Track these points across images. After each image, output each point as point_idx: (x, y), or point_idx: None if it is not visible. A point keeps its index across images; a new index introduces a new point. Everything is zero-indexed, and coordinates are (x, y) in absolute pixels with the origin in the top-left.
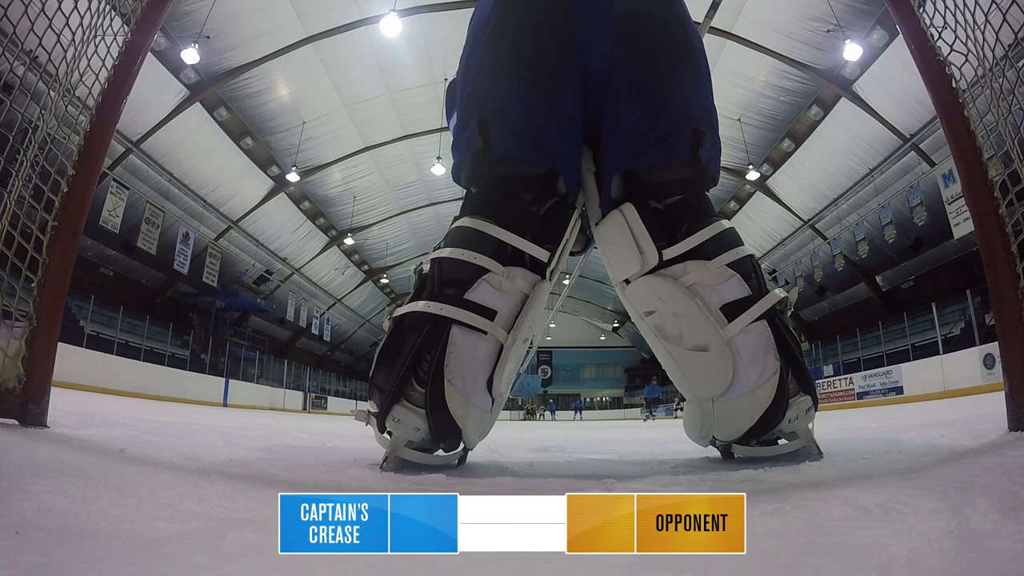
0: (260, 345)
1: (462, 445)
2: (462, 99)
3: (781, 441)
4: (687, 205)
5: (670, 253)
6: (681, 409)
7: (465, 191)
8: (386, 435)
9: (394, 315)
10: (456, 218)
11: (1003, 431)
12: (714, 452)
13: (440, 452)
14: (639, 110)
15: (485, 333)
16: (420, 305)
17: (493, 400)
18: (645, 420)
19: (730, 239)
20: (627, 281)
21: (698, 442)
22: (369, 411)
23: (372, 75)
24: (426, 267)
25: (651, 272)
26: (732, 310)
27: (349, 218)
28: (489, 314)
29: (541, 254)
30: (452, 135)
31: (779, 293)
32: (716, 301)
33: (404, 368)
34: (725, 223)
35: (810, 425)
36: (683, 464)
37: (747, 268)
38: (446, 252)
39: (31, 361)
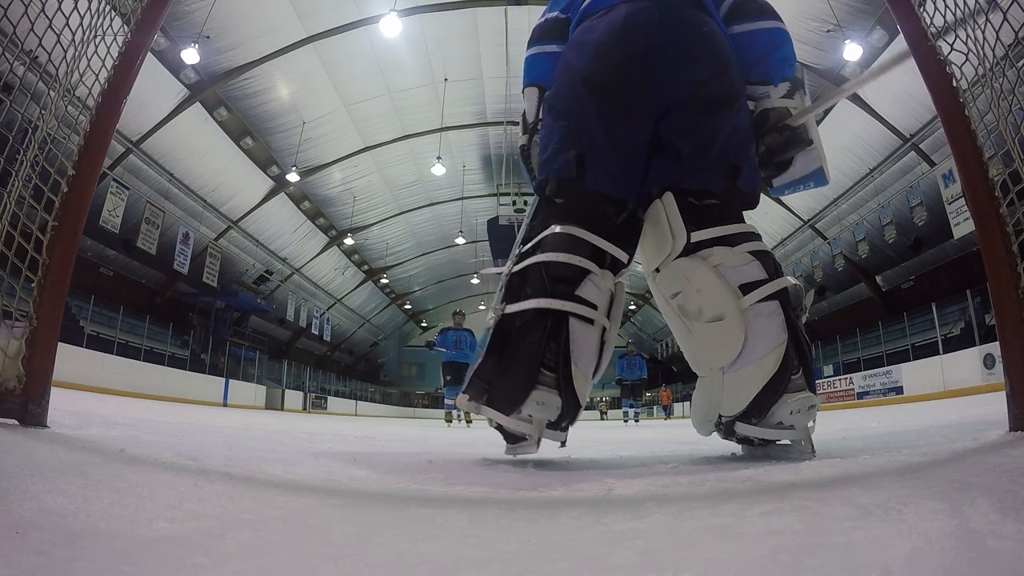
0: (260, 345)
1: (567, 427)
2: (560, 128)
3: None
4: (721, 209)
5: (698, 236)
6: (654, 409)
7: (542, 199)
8: (527, 417)
9: (505, 312)
10: (527, 223)
11: (1003, 431)
12: (714, 453)
13: (558, 432)
14: (689, 147)
15: (593, 323)
16: (541, 302)
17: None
18: (626, 422)
19: (754, 237)
20: (658, 270)
21: (702, 429)
22: (476, 403)
23: (372, 75)
24: (511, 269)
25: (681, 256)
26: (749, 288)
27: (349, 218)
28: (594, 308)
29: (623, 256)
30: (540, 147)
31: (791, 279)
32: (736, 280)
33: (536, 358)
34: (754, 228)
35: (810, 423)
36: (683, 465)
37: (767, 259)
38: (551, 256)
39: (31, 361)
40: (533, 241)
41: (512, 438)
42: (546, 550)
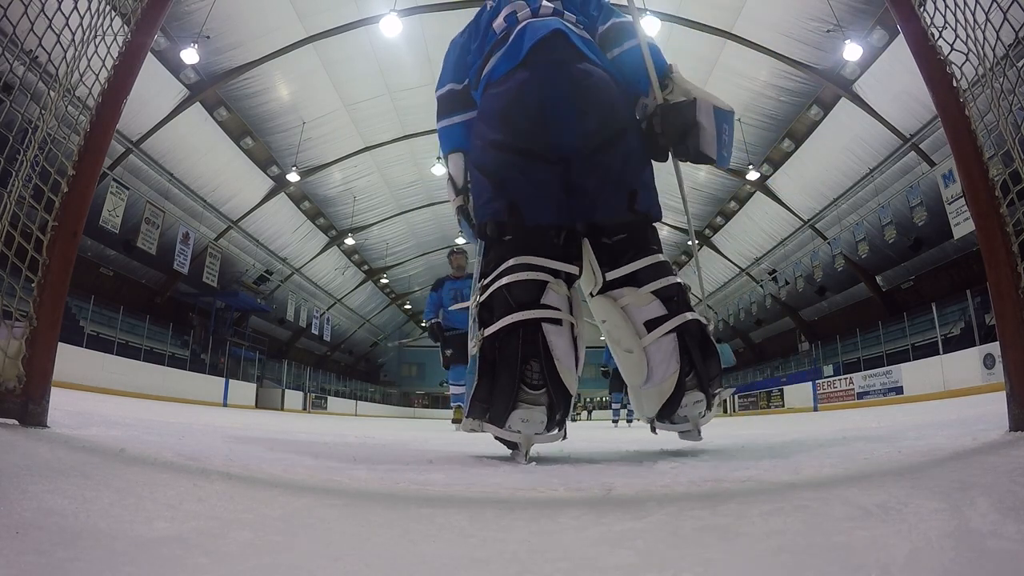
0: (260, 345)
1: (559, 429)
2: (489, 182)
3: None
4: (630, 242)
5: (611, 275)
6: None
7: (486, 241)
8: (516, 432)
9: (485, 336)
10: (479, 260)
11: (1003, 431)
12: (714, 452)
13: (553, 432)
14: (592, 184)
15: (562, 323)
16: (512, 317)
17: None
18: (616, 423)
19: (660, 271)
20: (591, 294)
21: (642, 417)
22: (479, 421)
23: (372, 75)
24: (477, 301)
25: (601, 292)
26: (651, 325)
27: (349, 218)
28: (558, 310)
29: (573, 270)
30: (474, 199)
31: (689, 316)
32: (641, 318)
33: (516, 375)
34: (660, 257)
35: (700, 414)
36: (683, 465)
37: (669, 294)
38: (509, 278)
39: (31, 361)
40: (492, 275)
41: (512, 445)
42: (546, 550)
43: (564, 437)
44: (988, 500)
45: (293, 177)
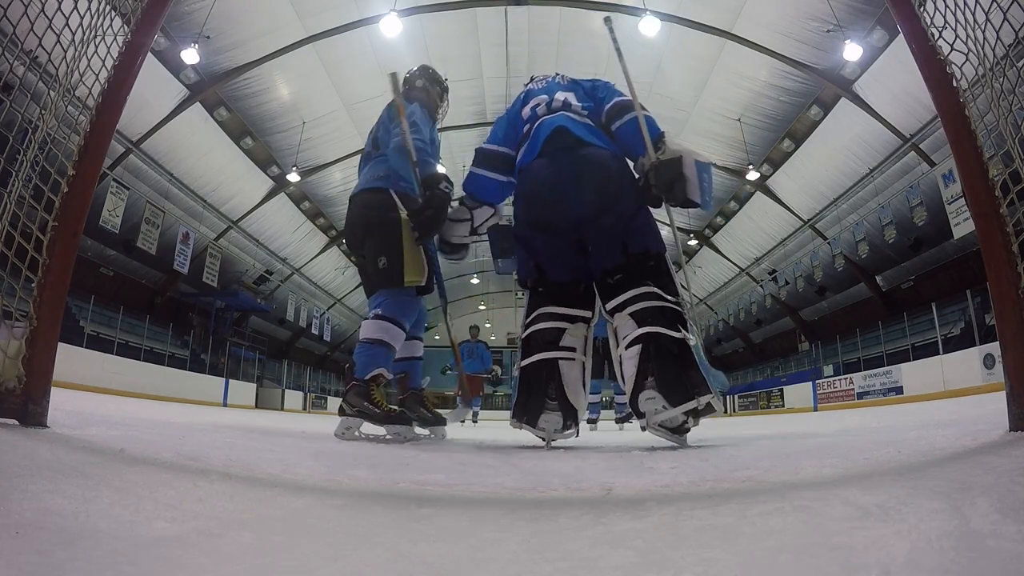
0: (260, 345)
1: (574, 427)
2: (524, 250)
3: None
4: (626, 279)
5: (609, 305)
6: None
7: (527, 290)
8: (542, 429)
9: (522, 365)
10: (529, 308)
11: (1003, 431)
12: (714, 452)
13: (568, 432)
14: (597, 243)
15: (575, 360)
16: (540, 355)
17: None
18: (621, 428)
19: (641, 299)
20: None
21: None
22: (519, 421)
23: (372, 75)
24: (520, 338)
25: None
26: (625, 339)
27: None
28: (573, 350)
29: (586, 315)
30: (518, 261)
31: (651, 330)
32: (620, 335)
33: (543, 392)
34: (645, 288)
35: (655, 410)
36: (683, 465)
37: (643, 316)
38: (540, 326)
39: (31, 361)
40: (528, 320)
41: (543, 438)
42: (546, 550)
43: (576, 435)
44: (988, 500)
45: (293, 177)
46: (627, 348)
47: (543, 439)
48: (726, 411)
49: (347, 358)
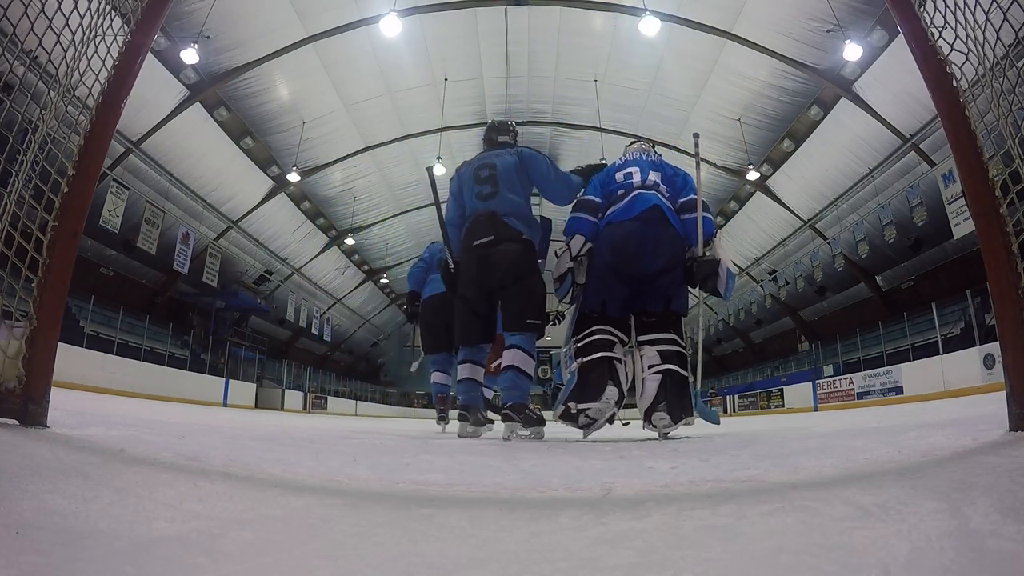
0: (260, 345)
1: (620, 407)
2: (593, 285)
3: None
4: (659, 323)
5: (641, 338)
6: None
7: (586, 316)
8: (606, 400)
9: (584, 360)
10: (583, 325)
11: (1003, 431)
12: (714, 452)
13: (617, 410)
14: (649, 293)
15: (622, 362)
16: (600, 353)
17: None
18: (626, 424)
19: (667, 342)
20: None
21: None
22: (578, 402)
23: (372, 75)
24: (575, 345)
25: (639, 346)
26: (650, 368)
27: (349, 218)
28: (620, 358)
29: (625, 338)
30: (584, 291)
31: (671, 367)
32: (646, 363)
33: (606, 375)
34: (670, 335)
35: (665, 425)
36: (683, 465)
37: (667, 354)
38: (597, 336)
39: (31, 361)
40: (585, 332)
41: (581, 427)
42: (546, 550)
43: (616, 412)
44: (988, 500)
45: (293, 177)
46: (651, 372)
47: (595, 419)
48: (726, 411)
49: (347, 358)
